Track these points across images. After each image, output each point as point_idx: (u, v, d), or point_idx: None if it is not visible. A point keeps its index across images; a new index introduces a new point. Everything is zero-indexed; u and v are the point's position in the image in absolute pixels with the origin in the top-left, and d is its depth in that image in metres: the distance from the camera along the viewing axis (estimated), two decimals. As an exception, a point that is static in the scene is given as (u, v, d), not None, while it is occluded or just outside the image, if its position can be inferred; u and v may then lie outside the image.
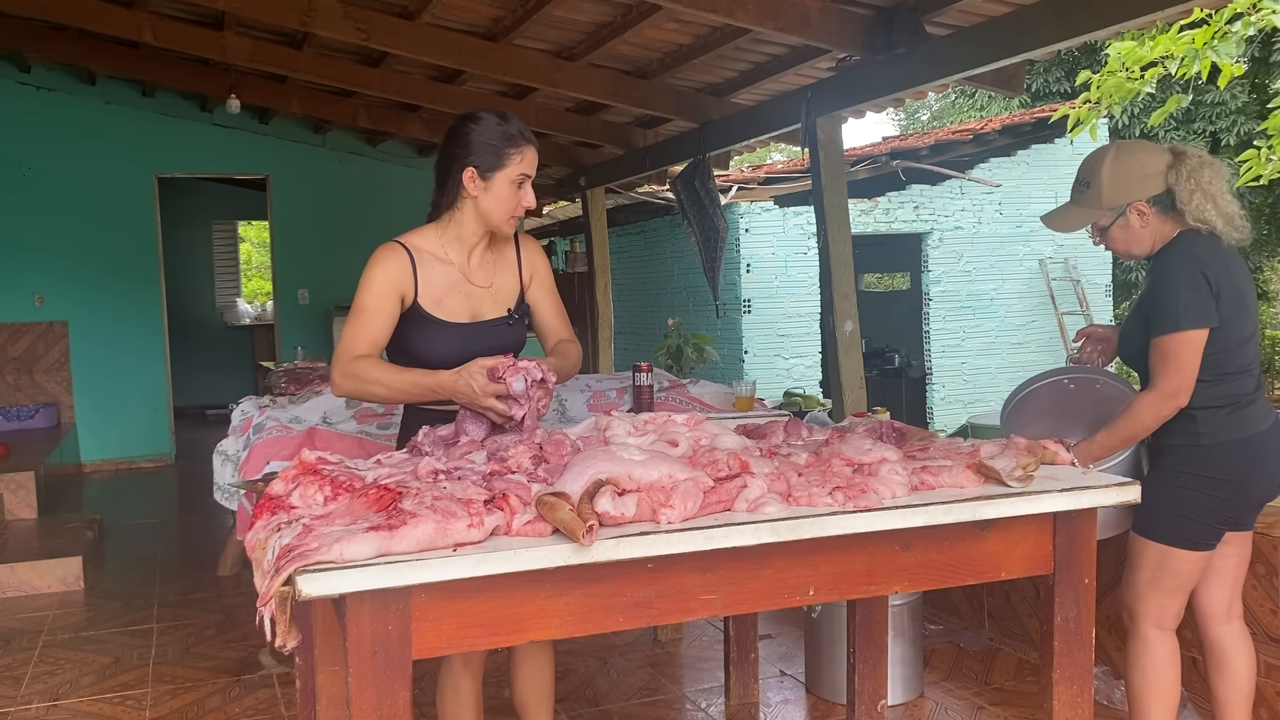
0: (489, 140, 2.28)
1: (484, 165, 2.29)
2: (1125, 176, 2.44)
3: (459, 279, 2.38)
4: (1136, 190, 2.43)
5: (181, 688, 3.64)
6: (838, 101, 4.66)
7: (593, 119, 6.75)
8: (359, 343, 2.27)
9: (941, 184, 10.26)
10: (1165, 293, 2.35)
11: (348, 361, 2.25)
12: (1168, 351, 2.33)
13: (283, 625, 1.53)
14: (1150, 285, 2.42)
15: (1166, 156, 2.43)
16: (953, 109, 17.25)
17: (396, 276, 2.31)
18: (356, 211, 9.04)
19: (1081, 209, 2.52)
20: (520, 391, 2.10)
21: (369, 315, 2.29)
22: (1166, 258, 2.42)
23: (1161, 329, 2.34)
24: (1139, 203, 2.43)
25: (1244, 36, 6.27)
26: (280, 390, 5.68)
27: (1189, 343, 2.32)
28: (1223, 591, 2.54)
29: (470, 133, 2.29)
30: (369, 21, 5.25)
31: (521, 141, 2.29)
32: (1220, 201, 2.39)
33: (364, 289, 2.31)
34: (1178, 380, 2.32)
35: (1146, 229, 2.45)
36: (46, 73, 8.16)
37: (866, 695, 2.78)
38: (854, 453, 1.99)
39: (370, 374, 2.23)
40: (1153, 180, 2.42)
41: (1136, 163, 2.44)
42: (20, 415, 7.90)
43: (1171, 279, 2.35)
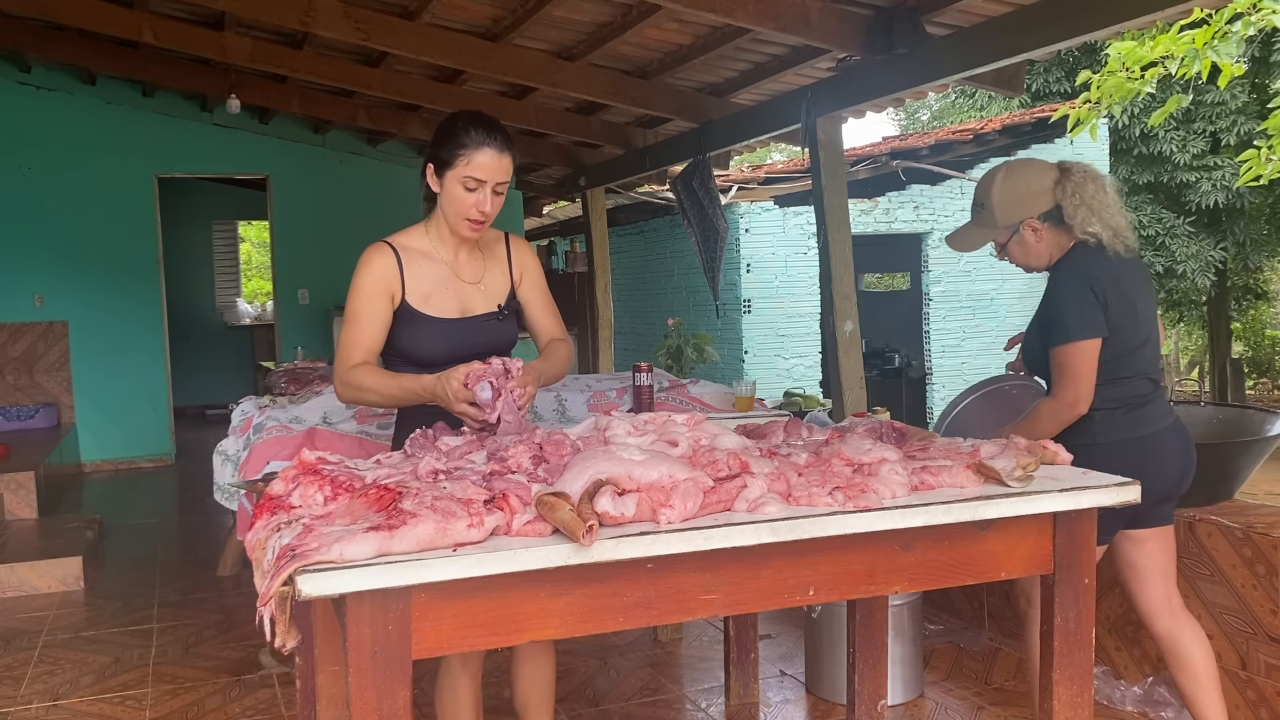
0: (447, 137, 2.28)
1: (438, 162, 2.30)
2: (1015, 196, 2.55)
3: (447, 275, 2.40)
4: (1027, 208, 2.54)
5: (181, 688, 3.64)
6: (838, 101, 4.67)
7: (593, 119, 6.75)
8: (355, 351, 2.32)
9: (941, 184, 10.26)
10: (1056, 306, 2.47)
11: (345, 371, 2.31)
12: (1062, 363, 2.44)
13: (283, 625, 1.53)
14: (1046, 299, 2.53)
15: (1054, 173, 2.55)
16: (953, 109, 17.24)
17: (383, 277, 2.34)
18: (356, 211, 9.04)
19: (980, 229, 2.64)
20: (486, 400, 2.11)
21: (361, 322, 2.33)
22: (1058, 272, 2.54)
23: (1054, 341, 2.46)
24: (1031, 219, 2.54)
25: (1244, 36, 6.27)
26: (280, 390, 5.69)
27: (1081, 353, 2.42)
28: (1156, 588, 2.58)
29: (443, 127, 2.31)
30: (369, 21, 5.26)
31: (470, 144, 2.25)
32: (1105, 214, 2.51)
33: (354, 295, 2.34)
34: (1074, 390, 2.43)
35: (1042, 243, 2.57)
36: (46, 73, 8.16)
37: (866, 695, 2.78)
38: (854, 453, 1.99)
39: (364, 382, 2.28)
40: (1041, 197, 2.54)
41: (1024, 182, 2.56)
42: (20, 415, 7.90)
43: (1062, 293, 2.47)
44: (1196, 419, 3.54)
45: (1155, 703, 3.10)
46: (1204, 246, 13.90)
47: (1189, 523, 3.09)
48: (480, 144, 2.25)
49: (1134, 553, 2.57)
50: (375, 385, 2.28)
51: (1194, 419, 3.54)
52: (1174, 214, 13.91)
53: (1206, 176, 13.48)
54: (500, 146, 2.28)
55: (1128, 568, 2.60)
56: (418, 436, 2.15)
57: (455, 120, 2.30)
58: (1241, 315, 17.14)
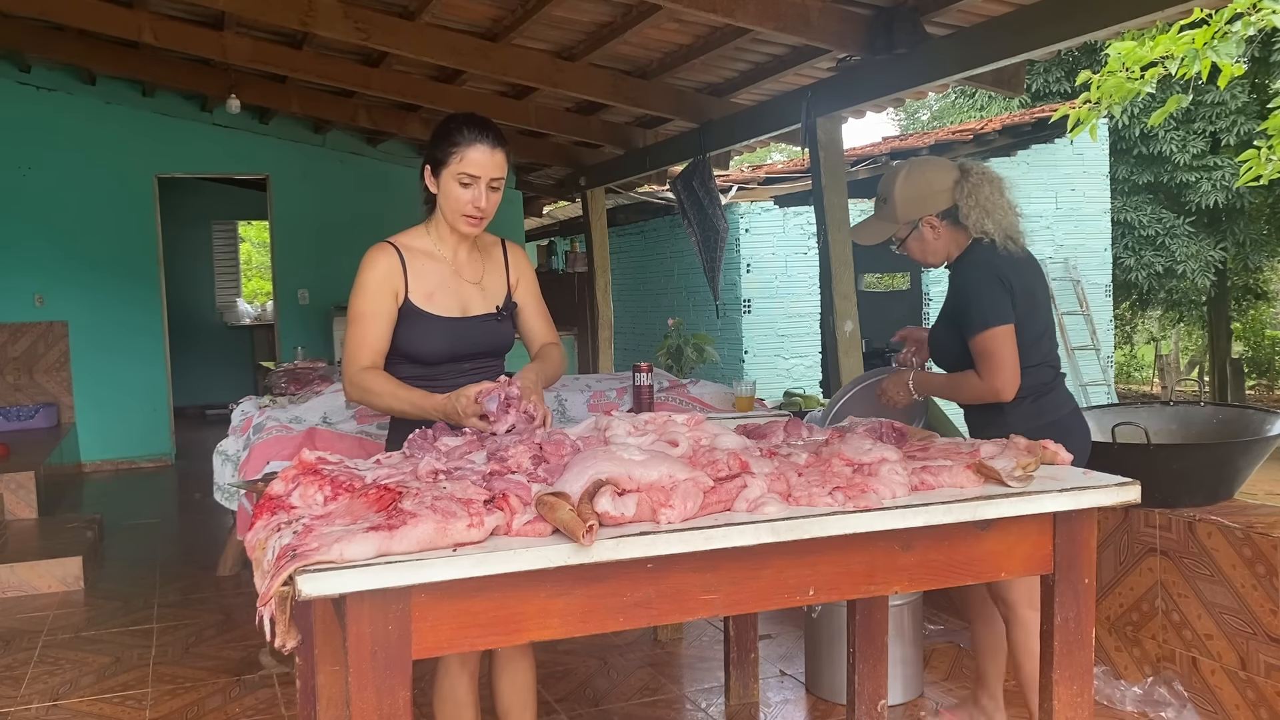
0: (441, 137, 2.35)
1: (434, 161, 2.36)
2: (915, 193, 2.67)
3: (449, 274, 2.45)
4: (926, 206, 2.66)
5: (181, 688, 3.64)
6: (838, 101, 4.67)
7: (593, 119, 6.75)
8: (363, 352, 2.35)
9: (942, 184, 10.24)
10: (968, 298, 2.59)
11: (355, 372, 2.35)
12: (985, 350, 2.55)
13: (283, 625, 1.53)
14: (953, 293, 2.66)
15: (954, 174, 2.66)
16: (953, 109, 17.24)
17: (387, 276, 2.37)
18: (356, 211, 9.04)
19: (881, 222, 2.75)
20: (492, 410, 2.16)
21: (368, 322, 2.36)
22: (964, 266, 2.66)
23: (973, 330, 2.57)
24: (929, 217, 2.66)
25: (1244, 36, 6.27)
26: (280, 390, 5.69)
27: (1001, 338, 2.54)
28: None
29: (437, 128, 2.37)
30: (369, 21, 5.25)
31: (463, 141, 2.31)
32: (997, 215, 2.62)
33: (358, 295, 2.37)
34: (1002, 375, 2.54)
35: (939, 240, 2.69)
36: (46, 73, 8.16)
37: (866, 695, 2.78)
38: (854, 453, 1.99)
39: (375, 387, 2.33)
40: (940, 196, 2.65)
41: (925, 180, 2.67)
42: (20, 415, 7.90)
43: (972, 285, 2.60)
44: (1196, 419, 3.55)
45: (1155, 703, 3.10)
46: (1204, 246, 13.90)
47: (1189, 523, 3.09)
48: (472, 141, 2.31)
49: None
50: (385, 393, 2.32)
51: (1194, 419, 3.55)
52: (1174, 214, 13.91)
53: (1206, 176, 13.48)
54: (492, 143, 2.33)
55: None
56: (416, 437, 2.16)
57: (449, 121, 2.37)
58: (1241, 315, 17.13)
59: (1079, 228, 10.87)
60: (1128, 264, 13.67)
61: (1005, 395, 2.55)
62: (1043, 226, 10.71)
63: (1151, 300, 15.28)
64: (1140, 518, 3.24)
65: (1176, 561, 3.13)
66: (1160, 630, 3.19)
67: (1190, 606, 3.10)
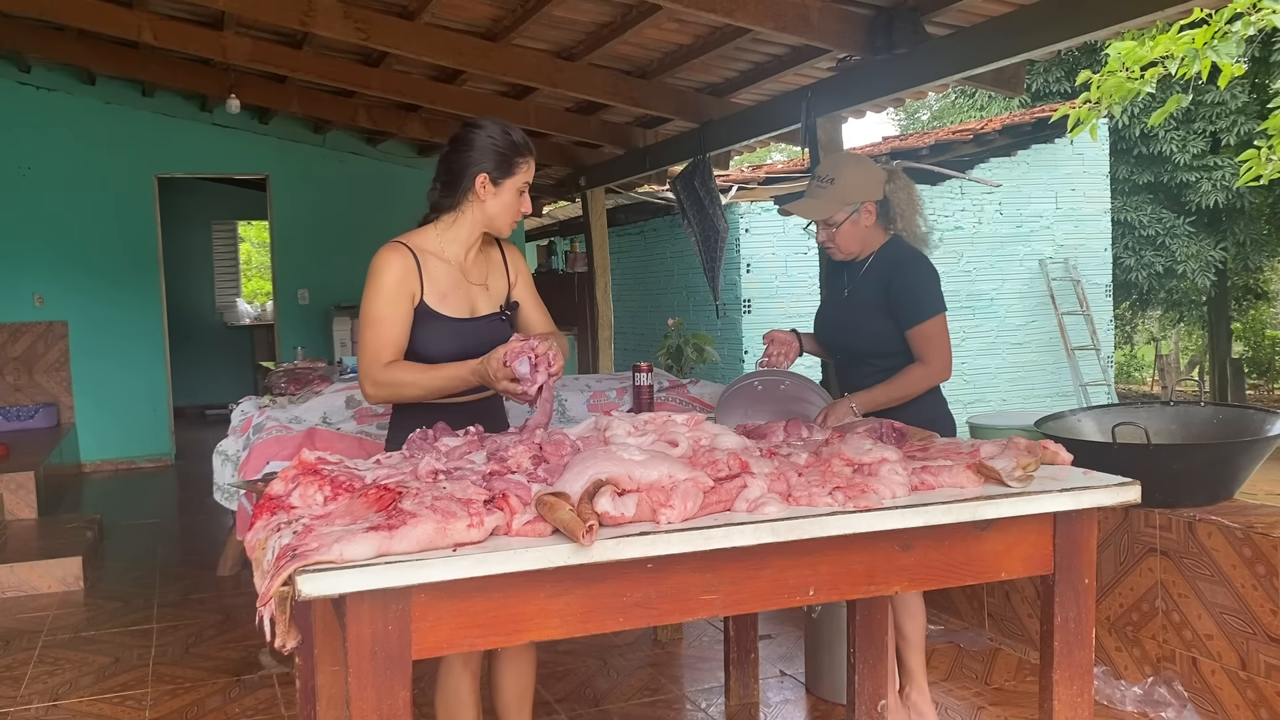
0: (500, 149, 2.41)
1: (496, 172, 2.41)
2: (864, 178, 2.84)
3: (458, 275, 2.48)
4: (871, 192, 2.84)
5: (181, 688, 3.64)
6: (838, 101, 4.66)
7: (593, 119, 6.75)
8: (384, 351, 2.37)
9: (941, 184, 10.25)
10: (916, 285, 2.79)
11: (378, 371, 2.36)
12: (932, 335, 2.77)
13: (282, 625, 1.53)
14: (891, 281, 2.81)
15: (884, 172, 2.88)
16: (953, 109, 17.24)
17: (405, 278, 2.39)
18: (356, 211, 9.04)
19: (822, 201, 2.87)
20: (525, 373, 2.25)
21: (386, 324, 2.38)
22: (902, 257, 2.84)
23: (921, 316, 2.77)
24: (870, 203, 2.84)
25: (1244, 36, 6.27)
26: (280, 390, 5.69)
27: (943, 324, 2.79)
28: None
29: (482, 140, 2.41)
30: (369, 21, 5.25)
31: (528, 152, 2.44)
32: (918, 219, 2.88)
33: (375, 296, 2.38)
34: (945, 357, 2.77)
35: (869, 229, 2.86)
36: (46, 73, 8.16)
37: (866, 695, 2.78)
38: (854, 453, 1.99)
39: (405, 378, 2.37)
40: (878, 187, 2.85)
41: (869, 169, 2.86)
42: (20, 415, 7.90)
43: (916, 273, 2.80)
44: (1196, 419, 3.55)
45: (1155, 703, 3.10)
46: (1204, 246, 13.89)
47: (1189, 523, 3.09)
48: (530, 154, 2.46)
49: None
50: (416, 379, 2.36)
51: (1194, 419, 3.55)
52: (1174, 214, 13.90)
53: (1206, 176, 13.48)
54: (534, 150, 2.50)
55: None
56: (416, 437, 2.16)
57: (508, 132, 2.44)
58: (1241, 315, 17.13)
59: (1079, 228, 10.87)
60: (1128, 264, 13.66)
61: (947, 376, 2.77)
62: (1043, 226, 10.71)
63: (1151, 300, 15.28)
64: (1140, 518, 3.24)
65: (1176, 561, 3.13)
66: (1160, 630, 3.19)
67: (1190, 606, 3.10)
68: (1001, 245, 10.54)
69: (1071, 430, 3.47)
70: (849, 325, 2.91)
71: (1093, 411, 3.70)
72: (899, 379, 2.79)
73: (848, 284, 2.95)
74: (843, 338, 2.95)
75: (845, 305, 2.93)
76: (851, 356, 2.95)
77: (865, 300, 2.87)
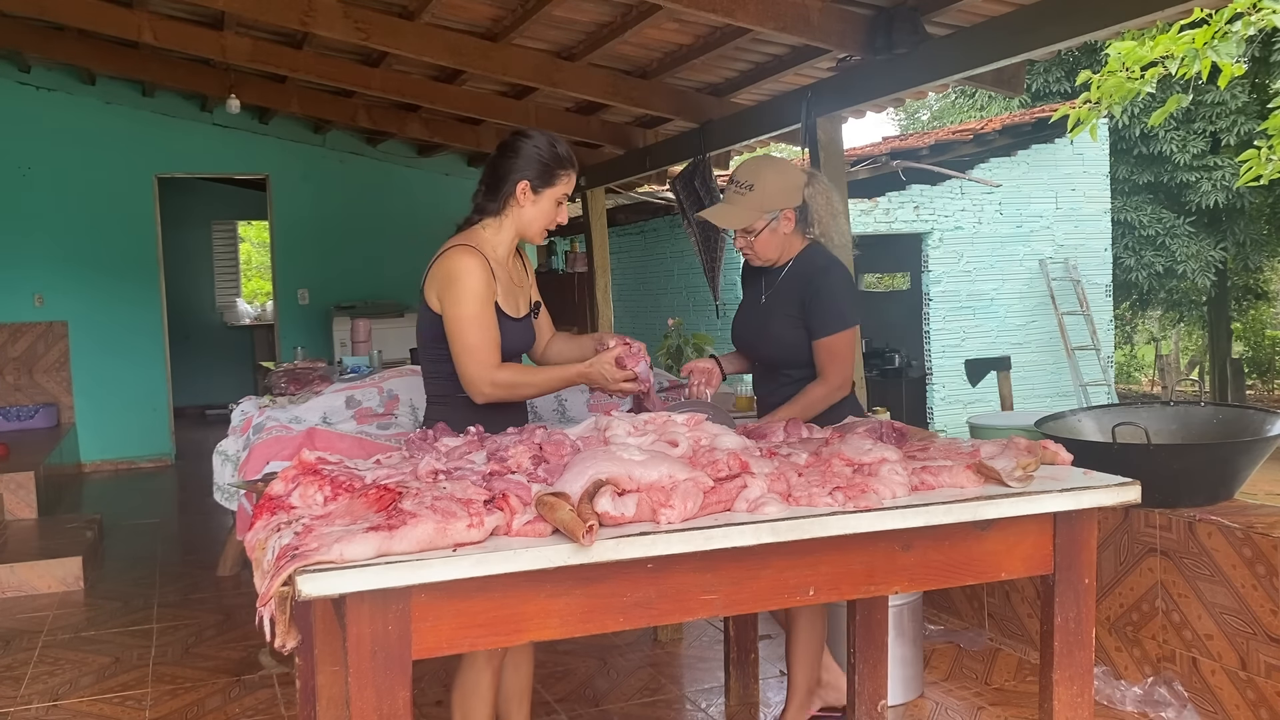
0: (544, 159, 2.51)
1: (537, 181, 2.51)
2: (783, 185, 2.77)
3: (508, 277, 2.60)
4: (789, 198, 2.77)
5: (181, 688, 3.64)
6: (838, 101, 4.66)
7: (593, 119, 6.75)
8: (491, 352, 2.45)
9: (941, 184, 10.26)
10: (829, 297, 2.72)
11: (494, 373, 2.44)
12: (839, 349, 2.71)
13: (282, 625, 1.53)
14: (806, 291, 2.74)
15: (804, 176, 2.83)
16: (953, 109, 17.24)
17: (488, 280, 2.48)
18: (356, 211, 9.04)
19: (740, 209, 2.79)
20: (645, 373, 2.46)
21: (486, 326, 2.46)
22: (820, 266, 2.77)
23: (831, 329, 2.71)
24: (789, 210, 2.77)
25: (1244, 36, 6.27)
26: (280, 390, 5.68)
27: (854, 338, 2.75)
28: None
29: (527, 149, 2.51)
30: (369, 21, 5.25)
31: (570, 166, 2.54)
32: (839, 221, 2.84)
33: (467, 298, 2.43)
34: (847, 373, 2.73)
35: (788, 236, 2.80)
36: (46, 73, 8.16)
37: (866, 695, 2.78)
38: (854, 453, 1.99)
39: (521, 380, 2.49)
40: (797, 193, 2.78)
41: (787, 175, 2.80)
42: (20, 415, 7.90)
43: (831, 284, 2.73)
44: (1196, 419, 3.55)
45: (1155, 703, 3.10)
46: (1204, 246, 13.90)
47: (1189, 523, 3.09)
48: (574, 167, 2.57)
49: None
50: (531, 379, 2.50)
51: (1194, 419, 3.54)
52: (1174, 214, 13.91)
53: (1206, 176, 13.48)
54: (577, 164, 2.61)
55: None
56: (415, 438, 2.17)
57: (554, 144, 2.53)
58: (1241, 315, 17.13)
59: (1079, 228, 10.87)
60: (1128, 264, 13.66)
61: (846, 392, 2.75)
62: (1043, 226, 10.72)
63: (1151, 300, 15.28)
64: (1140, 518, 3.24)
65: (1176, 562, 3.13)
66: (1160, 630, 3.19)
67: (1190, 606, 3.10)
68: (1001, 245, 10.54)
69: (1071, 430, 3.47)
70: (764, 334, 2.86)
71: (1093, 411, 3.70)
72: (798, 400, 2.73)
73: (765, 290, 2.89)
74: (758, 347, 2.90)
75: (762, 312, 2.87)
76: (766, 366, 2.91)
77: (780, 308, 2.81)
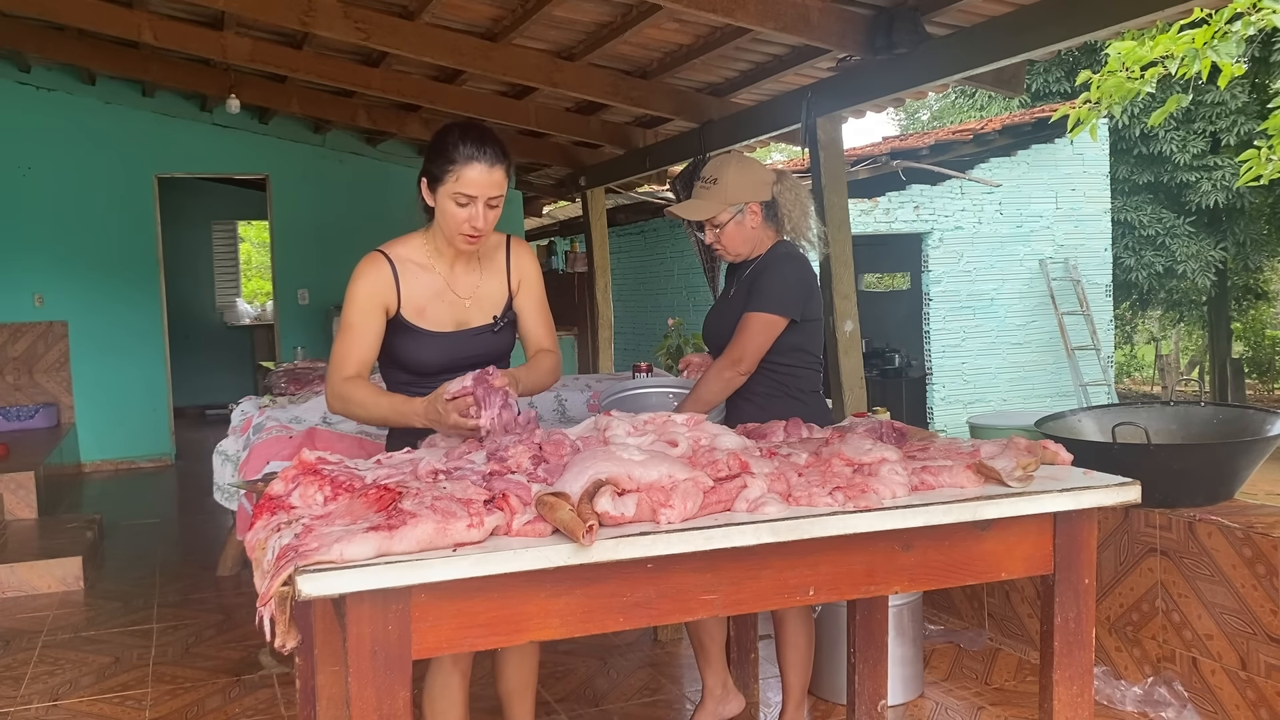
0: (437, 152, 2.26)
1: (430, 177, 2.29)
2: (747, 179, 2.80)
3: (442, 287, 2.40)
4: (756, 192, 2.81)
5: (181, 688, 3.64)
6: (838, 101, 4.66)
7: (593, 119, 6.75)
8: (347, 363, 2.32)
9: (941, 184, 10.26)
10: (770, 279, 2.75)
11: (338, 383, 2.32)
12: (752, 327, 2.71)
13: (282, 625, 1.53)
14: (759, 275, 2.78)
15: (773, 174, 2.85)
16: (953, 109, 17.24)
17: (378, 290, 2.33)
18: (356, 211, 9.04)
19: (705, 202, 2.83)
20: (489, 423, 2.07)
21: (355, 333, 2.33)
22: (780, 254, 2.81)
23: (756, 305, 2.71)
24: (754, 204, 2.80)
25: (1244, 36, 6.26)
26: (280, 390, 5.69)
27: (771, 325, 2.72)
28: None
29: (433, 141, 2.29)
30: (369, 21, 5.25)
31: (459, 159, 2.21)
32: (810, 219, 2.86)
33: (348, 305, 2.35)
34: (744, 352, 2.71)
35: (755, 230, 2.83)
36: (46, 73, 8.16)
37: (866, 695, 2.78)
38: (854, 453, 1.99)
39: (355, 396, 2.29)
40: (764, 188, 2.82)
41: (754, 170, 2.83)
42: (20, 415, 7.90)
43: (780, 270, 2.77)
44: (1196, 419, 3.55)
45: (1155, 703, 3.10)
46: (1204, 246, 13.89)
47: (1189, 523, 3.09)
48: (469, 159, 2.21)
49: None
50: (364, 401, 2.28)
51: (1194, 419, 3.54)
52: (1174, 214, 13.90)
53: (1206, 176, 13.48)
54: (490, 160, 2.23)
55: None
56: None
57: (445, 134, 2.26)
58: (1241, 315, 17.13)
59: (1079, 228, 10.87)
60: (1128, 264, 13.66)
61: (742, 370, 2.72)
62: (1043, 226, 10.72)
63: (1151, 300, 15.28)
64: (1140, 518, 3.24)
65: (1176, 561, 3.13)
66: (1160, 630, 3.19)
67: (1190, 606, 3.10)
68: (1001, 245, 10.54)
69: (1071, 430, 3.47)
70: (730, 326, 2.84)
71: (1093, 411, 3.70)
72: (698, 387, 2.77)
73: (735, 285, 2.91)
74: (723, 340, 2.87)
75: (730, 307, 2.88)
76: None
77: (744, 300, 2.82)
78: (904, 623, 3.31)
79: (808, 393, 2.88)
